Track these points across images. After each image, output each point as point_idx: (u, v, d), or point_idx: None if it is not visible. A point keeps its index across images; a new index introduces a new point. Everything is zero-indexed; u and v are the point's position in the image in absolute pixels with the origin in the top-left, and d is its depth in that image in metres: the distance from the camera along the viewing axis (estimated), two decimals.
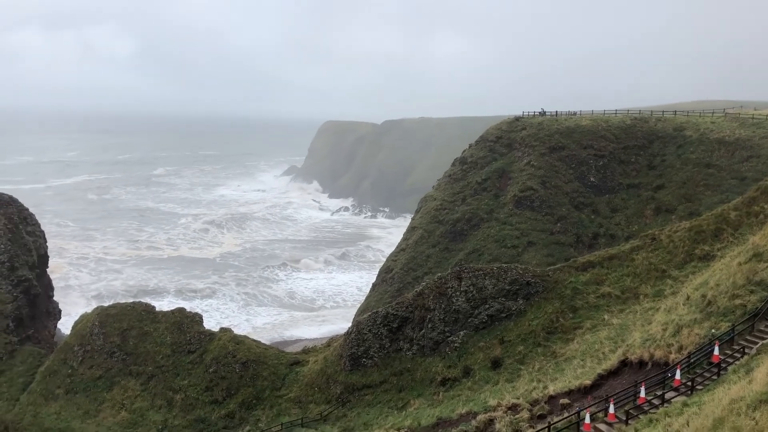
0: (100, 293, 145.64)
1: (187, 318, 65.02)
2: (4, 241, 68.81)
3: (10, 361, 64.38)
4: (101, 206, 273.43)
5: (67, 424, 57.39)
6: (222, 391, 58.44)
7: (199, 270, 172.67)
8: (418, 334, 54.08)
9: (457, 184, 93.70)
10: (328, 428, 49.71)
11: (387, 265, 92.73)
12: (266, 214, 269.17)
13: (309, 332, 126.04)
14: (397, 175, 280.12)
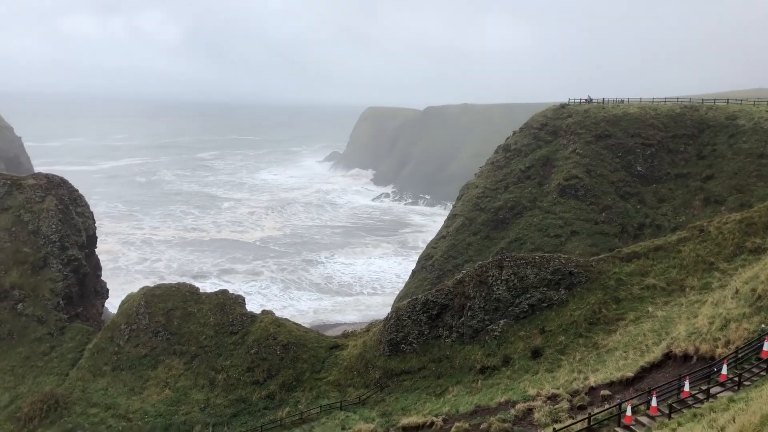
0: (145, 273, 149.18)
1: (230, 300, 66.09)
2: (55, 221, 70.88)
3: (60, 338, 66.51)
4: (148, 189, 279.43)
5: (113, 400, 59.11)
6: (263, 372, 59.34)
7: (241, 253, 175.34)
8: (457, 321, 53.97)
9: (499, 171, 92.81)
10: (367, 412, 50.08)
11: (427, 252, 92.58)
12: (307, 199, 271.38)
13: (348, 317, 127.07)
14: (439, 162, 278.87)
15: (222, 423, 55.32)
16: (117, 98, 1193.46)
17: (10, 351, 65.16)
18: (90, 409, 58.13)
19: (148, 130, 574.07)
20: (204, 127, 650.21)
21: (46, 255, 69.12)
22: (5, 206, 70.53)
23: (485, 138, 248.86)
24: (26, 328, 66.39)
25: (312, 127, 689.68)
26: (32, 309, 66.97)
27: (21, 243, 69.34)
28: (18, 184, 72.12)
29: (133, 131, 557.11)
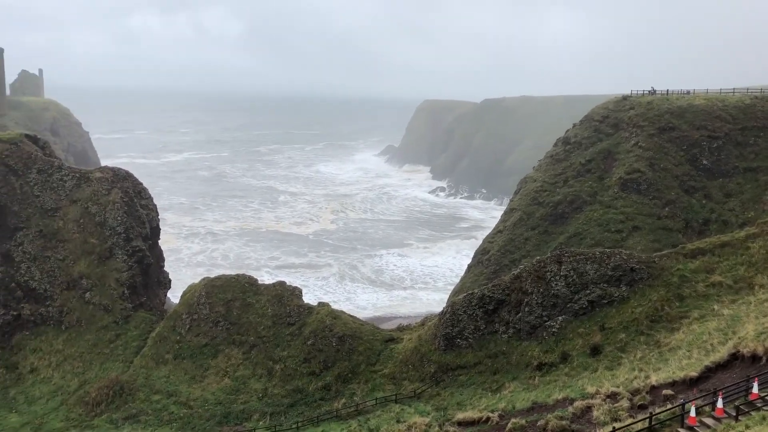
0: (205, 265, 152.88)
1: (288, 291, 67.06)
2: (120, 213, 73.26)
3: (125, 326, 68.82)
4: (209, 182, 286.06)
5: (175, 388, 60.86)
6: (319, 363, 60.04)
7: (297, 245, 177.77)
8: (514, 317, 53.35)
9: (559, 165, 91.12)
10: (422, 406, 50.07)
11: (483, 246, 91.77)
12: (362, 193, 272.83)
13: (402, 311, 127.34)
14: (496, 155, 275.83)
15: (279, 412, 56.26)
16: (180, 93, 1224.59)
17: (79, 338, 67.83)
18: (153, 396, 60.04)
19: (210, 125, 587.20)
20: (263, 121, 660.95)
21: (112, 246, 71.51)
22: (74, 198, 73.25)
23: (544, 131, 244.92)
24: (93, 316, 68.95)
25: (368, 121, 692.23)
26: (99, 298, 69.47)
27: (88, 234, 71.94)
28: (86, 177, 74.77)
29: (195, 126, 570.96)
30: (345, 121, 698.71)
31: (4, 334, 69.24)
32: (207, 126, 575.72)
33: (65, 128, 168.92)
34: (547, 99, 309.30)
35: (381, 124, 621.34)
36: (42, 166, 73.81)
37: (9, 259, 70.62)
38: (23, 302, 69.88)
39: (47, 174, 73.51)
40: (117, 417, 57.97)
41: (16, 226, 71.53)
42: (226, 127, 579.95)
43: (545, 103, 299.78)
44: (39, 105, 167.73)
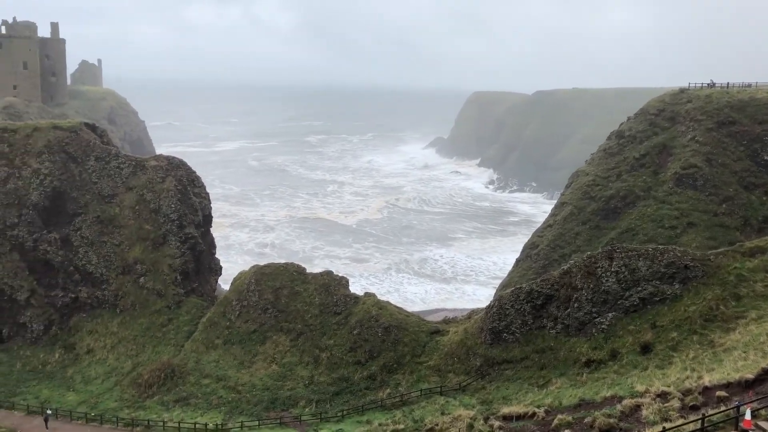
0: (255, 252, 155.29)
1: (335, 281, 67.65)
2: (174, 201, 75.00)
3: (177, 311, 70.57)
4: (259, 171, 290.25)
5: (224, 372, 62.15)
6: (365, 353, 60.44)
7: (344, 236, 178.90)
8: (563, 312, 52.64)
9: (612, 159, 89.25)
10: (467, 399, 49.95)
11: (532, 240, 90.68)
12: (409, 184, 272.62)
13: (447, 303, 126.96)
14: (547, 148, 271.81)
15: (325, 400, 56.89)
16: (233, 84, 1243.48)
17: (133, 321, 69.85)
18: (203, 380, 61.45)
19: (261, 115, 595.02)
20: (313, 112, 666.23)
21: (166, 232, 73.29)
22: (130, 186, 75.31)
23: (597, 124, 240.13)
24: (147, 301, 70.89)
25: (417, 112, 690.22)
26: (152, 283, 71.36)
27: (143, 221, 73.90)
28: (141, 166, 76.73)
29: (247, 116, 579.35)
30: (394, 113, 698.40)
31: (62, 315, 71.87)
32: (258, 116, 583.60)
33: (122, 117, 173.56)
34: (600, 91, 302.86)
35: (430, 115, 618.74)
36: (100, 153, 75.99)
37: (68, 243, 73.10)
38: (81, 285, 72.32)
39: (105, 161, 75.68)
40: (168, 399, 59.57)
41: (74, 212, 73.93)
42: (277, 117, 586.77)
43: (598, 95, 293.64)
44: (97, 94, 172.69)
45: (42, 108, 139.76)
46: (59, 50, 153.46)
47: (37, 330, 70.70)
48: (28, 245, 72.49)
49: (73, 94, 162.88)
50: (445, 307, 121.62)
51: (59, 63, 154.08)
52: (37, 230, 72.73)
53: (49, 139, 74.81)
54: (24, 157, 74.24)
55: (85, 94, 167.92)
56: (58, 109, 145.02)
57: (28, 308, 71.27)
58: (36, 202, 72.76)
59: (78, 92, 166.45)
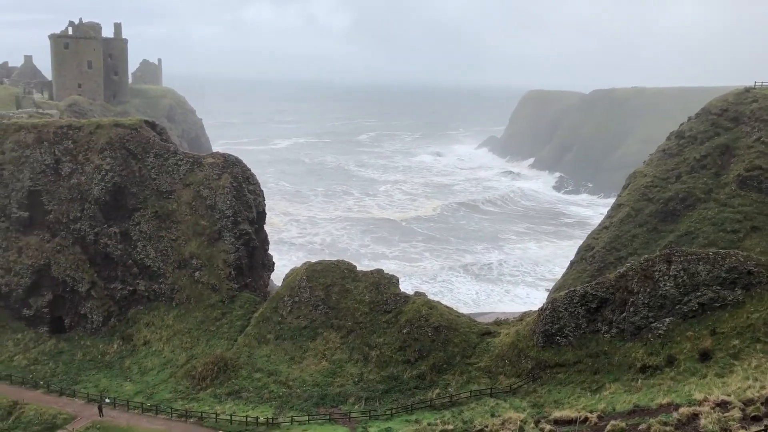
0: (306, 249, 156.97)
1: (385, 279, 67.72)
2: (229, 198, 76.32)
3: (230, 305, 71.82)
4: (312, 169, 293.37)
5: (275, 367, 62.97)
6: (414, 352, 60.34)
7: (396, 234, 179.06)
8: (618, 316, 51.44)
9: (671, 159, 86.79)
10: (517, 401, 49.35)
11: (587, 242, 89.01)
12: (461, 184, 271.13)
13: (498, 305, 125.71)
14: (604, 148, 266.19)
15: (374, 398, 57.03)
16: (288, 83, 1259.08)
17: (188, 315, 71.44)
18: (255, 374, 62.40)
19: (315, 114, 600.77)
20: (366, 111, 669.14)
21: (221, 228, 74.66)
22: (187, 182, 76.97)
23: (656, 124, 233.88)
24: (201, 295, 72.38)
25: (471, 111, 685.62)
26: (207, 277, 72.80)
27: (199, 216, 75.44)
28: (198, 162, 78.33)
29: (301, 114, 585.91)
30: (447, 111, 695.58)
31: (121, 307, 74.07)
32: (312, 115, 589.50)
33: (180, 115, 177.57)
34: (659, 90, 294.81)
35: (484, 114, 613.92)
36: (159, 150, 77.90)
37: (127, 237, 75.25)
38: (139, 278, 74.36)
39: (163, 158, 77.55)
40: (220, 392, 60.70)
41: (134, 207, 76.03)
42: (330, 116, 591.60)
43: (658, 94, 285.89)
44: (157, 93, 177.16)
45: (105, 106, 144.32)
46: (122, 50, 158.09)
47: (97, 321, 73.04)
48: (89, 239, 74.93)
49: (134, 92, 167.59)
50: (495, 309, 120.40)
51: (121, 62, 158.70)
52: (98, 224, 75.11)
53: (110, 136, 77.10)
54: (87, 154, 76.73)
55: (145, 92, 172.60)
56: (119, 107, 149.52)
57: (88, 300, 73.70)
58: (98, 197, 75.13)
59: (139, 91, 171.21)
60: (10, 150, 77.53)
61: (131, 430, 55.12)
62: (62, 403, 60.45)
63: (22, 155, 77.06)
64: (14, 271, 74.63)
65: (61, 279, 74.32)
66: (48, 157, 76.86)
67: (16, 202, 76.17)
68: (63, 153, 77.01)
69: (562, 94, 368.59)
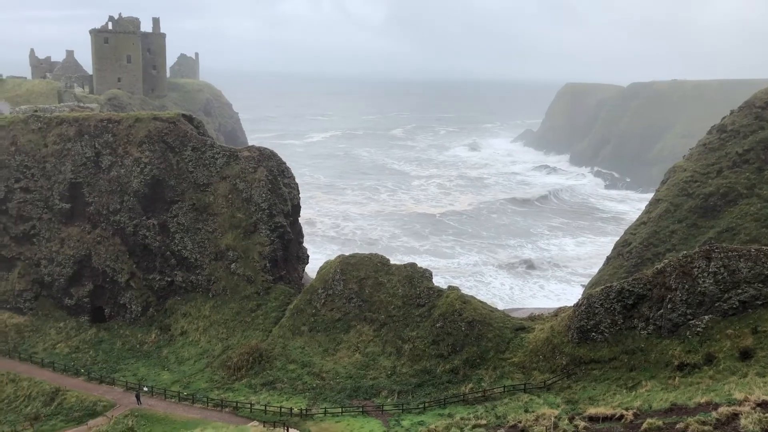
0: (339, 242, 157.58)
1: (418, 273, 67.69)
2: (265, 191, 77.05)
3: (265, 297, 72.61)
4: (346, 163, 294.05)
5: (309, 359, 63.51)
6: (447, 346, 60.25)
7: (429, 228, 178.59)
8: (655, 313, 50.64)
9: (712, 154, 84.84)
10: (551, 397, 48.99)
11: (625, 238, 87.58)
12: (495, 178, 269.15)
13: (532, 300, 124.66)
14: (642, 142, 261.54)
15: (407, 391, 57.15)
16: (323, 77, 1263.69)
17: (224, 306, 72.44)
18: (289, 365, 63.04)
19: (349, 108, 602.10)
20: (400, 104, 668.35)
21: (257, 221, 75.45)
22: (224, 175, 77.91)
23: (696, 117, 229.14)
24: (237, 286, 73.30)
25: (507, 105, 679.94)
26: (243, 269, 73.68)
27: (236, 209, 76.35)
28: (235, 156, 79.21)
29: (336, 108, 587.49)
30: (482, 105, 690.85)
31: (159, 298, 75.45)
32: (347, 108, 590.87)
33: (217, 109, 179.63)
34: (700, 83, 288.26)
35: (519, 108, 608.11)
36: (196, 144, 78.96)
37: (165, 229, 76.54)
38: (176, 270, 75.63)
39: (201, 152, 78.60)
40: (255, 383, 61.49)
41: (172, 200, 77.27)
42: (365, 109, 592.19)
43: (698, 87, 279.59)
44: (194, 87, 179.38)
45: (143, 100, 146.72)
46: (160, 44, 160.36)
47: (136, 311, 74.56)
48: (128, 230, 76.42)
49: (172, 86, 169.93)
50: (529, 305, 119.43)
51: (159, 56, 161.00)
52: (137, 216, 76.53)
53: (149, 130, 78.41)
54: (126, 147, 78.17)
55: (182, 86, 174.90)
56: (157, 101, 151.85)
57: (127, 290, 75.25)
58: (137, 189, 76.53)
59: (176, 84, 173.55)
60: (52, 143, 79.41)
61: (168, 418, 56.21)
62: (102, 390, 61.96)
63: (64, 148, 78.86)
64: (56, 261, 76.56)
65: (101, 269, 76.01)
66: (89, 150, 78.52)
67: (59, 194, 78.04)
68: (103, 146, 78.59)
69: (599, 87, 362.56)
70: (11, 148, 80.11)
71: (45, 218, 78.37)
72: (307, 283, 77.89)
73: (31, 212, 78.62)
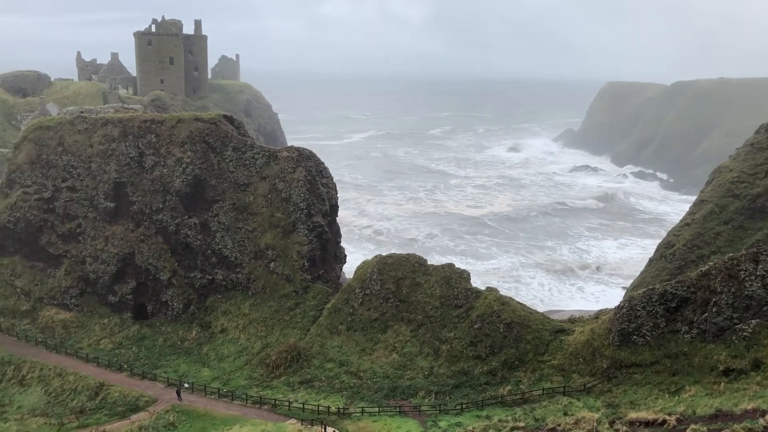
0: (378, 242, 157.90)
1: (456, 274, 67.35)
2: (303, 191, 77.62)
3: (303, 296, 73.14)
4: (384, 162, 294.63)
5: (347, 358, 63.76)
6: (485, 348, 59.83)
7: (466, 228, 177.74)
8: (699, 317, 49.48)
9: (760, 154, 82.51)
10: (591, 401, 48.27)
11: (668, 240, 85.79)
12: (534, 178, 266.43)
13: (571, 302, 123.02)
14: (686, 142, 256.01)
15: (444, 392, 56.93)
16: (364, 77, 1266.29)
17: (263, 304, 73.22)
18: (326, 364, 63.39)
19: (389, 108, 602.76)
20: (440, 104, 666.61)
21: (295, 221, 76.06)
22: (263, 175, 78.73)
23: (743, 116, 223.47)
24: (276, 285, 74.00)
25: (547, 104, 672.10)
26: (282, 268, 74.36)
27: (275, 208, 77.09)
28: (274, 156, 79.98)
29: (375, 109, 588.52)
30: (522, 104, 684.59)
31: (200, 296, 76.64)
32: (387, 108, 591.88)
33: (257, 110, 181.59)
34: (748, 81, 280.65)
35: (560, 107, 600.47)
36: (237, 144, 79.97)
37: (206, 228, 77.72)
38: (217, 268, 76.72)
39: (241, 152, 79.57)
40: (293, 381, 61.98)
41: (213, 199, 78.41)
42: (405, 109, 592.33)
43: (745, 85, 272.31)
44: (235, 88, 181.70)
45: (185, 101, 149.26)
46: (202, 46, 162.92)
47: (177, 308, 75.86)
48: (171, 229, 77.81)
49: (213, 87, 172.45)
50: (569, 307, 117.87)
51: (201, 58, 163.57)
52: (179, 215, 77.87)
53: (191, 130, 79.69)
54: (169, 147, 79.59)
55: (223, 87, 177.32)
56: (199, 102, 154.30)
57: (169, 288, 76.62)
58: (179, 188, 77.86)
59: (217, 86, 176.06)
60: (98, 143, 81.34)
61: (208, 414, 57.05)
62: (144, 386, 63.19)
63: (109, 148, 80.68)
64: (101, 259, 78.39)
65: (144, 267, 77.55)
66: (132, 150, 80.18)
67: (103, 193, 79.89)
68: (146, 146, 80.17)
69: (641, 86, 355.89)
70: (58, 148, 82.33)
71: (90, 217, 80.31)
72: (344, 283, 78.21)
73: (77, 211, 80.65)
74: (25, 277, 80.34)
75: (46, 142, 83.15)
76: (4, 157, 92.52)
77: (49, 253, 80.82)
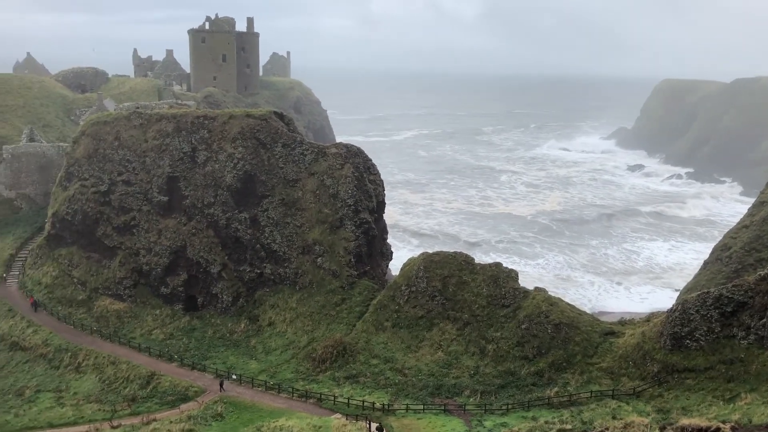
0: (424, 239, 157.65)
1: (503, 273, 66.69)
2: (351, 187, 77.96)
3: (350, 292, 73.52)
4: (432, 160, 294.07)
5: (392, 355, 63.85)
6: (533, 348, 59.13)
7: (515, 227, 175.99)
8: (757, 322, 47.85)
9: None
10: (641, 405, 47.23)
11: (724, 242, 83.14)
12: (586, 177, 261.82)
13: (622, 305, 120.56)
14: (746, 141, 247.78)
15: (490, 392, 56.51)
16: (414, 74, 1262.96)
17: (310, 299, 73.88)
18: (372, 360, 63.61)
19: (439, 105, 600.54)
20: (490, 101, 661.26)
21: (342, 217, 76.47)
22: (312, 171, 79.38)
23: None
24: (323, 280, 74.57)
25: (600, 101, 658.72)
26: (329, 264, 74.89)
27: (322, 204, 77.66)
28: (323, 152, 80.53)
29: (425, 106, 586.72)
30: (574, 101, 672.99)
31: (249, 289, 77.80)
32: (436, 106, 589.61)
33: (307, 106, 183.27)
34: None
35: (613, 105, 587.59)
36: (286, 140, 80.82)
37: (256, 223, 78.83)
38: (265, 262, 77.75)
39: (290, 148, 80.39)
40: (339, 375, 62.40)
41: (262, 194, 79.46)
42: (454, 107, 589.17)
43: None
44: (285, 85, 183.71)
45: (237, 97, 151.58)
46: (253, 43, 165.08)
47: (227, 301, 77.19)
48: (221, 223, 79.18)
49: (264, 84, 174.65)
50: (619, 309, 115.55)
51: (253, 55, 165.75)
52: (229, 210, 79.17)
53: (242, 126, 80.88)
54: (221, 143, 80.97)
55: (274, 84, 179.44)
56: (250, 99, 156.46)
57: (219, 281, 78.02)
58: (230, 183, 79.16)
59: (268, 83, 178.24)
60: (152, 138, 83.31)
61: (255, 406, 57.92)
62: (194, 376, 64.51)
63: (163, 143, 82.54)
64: (154, 251, 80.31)
65: (195, 260, 79.14)
66: (186, 145, 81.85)
67: (157, 187, 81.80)
68: (199, 142, 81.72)
69: (699, 83, 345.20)
70: (115, 143, 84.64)
71: (144, 210, 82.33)
72: (390, 280, 78.30)
73: (132, 204, 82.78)
74: (82, 268, 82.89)
75: (103, 136, 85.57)
76: (64, 151, 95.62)
77: (104, 245, 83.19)
